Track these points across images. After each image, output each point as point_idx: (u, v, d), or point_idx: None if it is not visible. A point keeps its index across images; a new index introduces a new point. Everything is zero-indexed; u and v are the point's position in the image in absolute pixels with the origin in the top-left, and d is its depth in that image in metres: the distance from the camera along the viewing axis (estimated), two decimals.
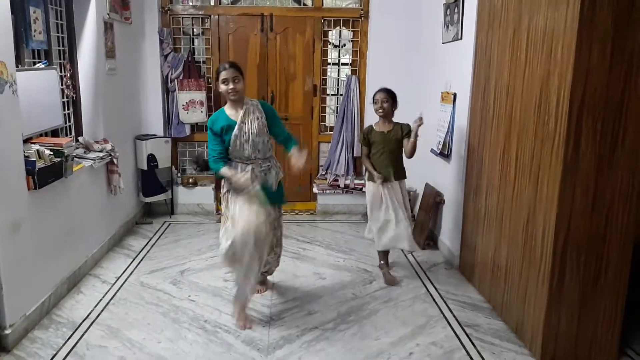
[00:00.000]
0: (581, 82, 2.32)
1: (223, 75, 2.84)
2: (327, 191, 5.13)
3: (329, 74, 5.24)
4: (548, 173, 2.52)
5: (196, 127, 5.14)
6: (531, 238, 2.69)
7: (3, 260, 2.57)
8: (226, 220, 2.92)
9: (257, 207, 2.82)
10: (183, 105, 4.90)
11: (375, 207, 3.52)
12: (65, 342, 2.73)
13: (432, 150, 4.22)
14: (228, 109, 2.96)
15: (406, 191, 3.60)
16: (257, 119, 2.93)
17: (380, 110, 3.45)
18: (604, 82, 2.32)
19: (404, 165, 3.57)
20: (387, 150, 3.46)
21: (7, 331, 2.61)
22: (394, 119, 3.52)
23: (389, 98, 3.46)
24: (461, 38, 3.75)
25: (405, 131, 3.44)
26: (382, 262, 3.65)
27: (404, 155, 3.51)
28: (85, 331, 2.85)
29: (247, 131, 2.89)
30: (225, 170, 2.88)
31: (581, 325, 2.58)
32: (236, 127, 2.88)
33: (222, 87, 2.86)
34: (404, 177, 3.56)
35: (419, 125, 3.34)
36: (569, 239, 2.47)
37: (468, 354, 2.69)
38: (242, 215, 2.79)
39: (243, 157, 2.93)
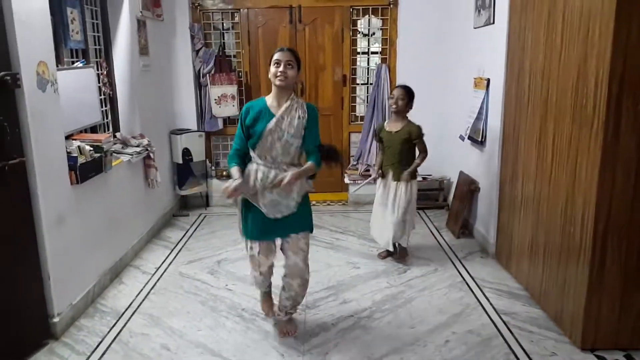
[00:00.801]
0: (620, 62, 2.25)
1: (277, 56, 2.51)
2: (359, 181, 5.12)
3: (358, 63, 5.22)
4: (587, 158, 2.45)
5: (228, 121, 5.21)
6: (570, 224, 2.63)
7: (50, 251, 2.68)
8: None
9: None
10: (215, 99, 4.98)
11: (376, 200, 3.74)
12: (110, 330, 2.84)
13: (460, 137, 4.16)
14: (270, 99, 2.59)
15: (411, 194, 3.54)
16: (299, 118, 2.53)
17: (394, 106, 3.47)
18: None
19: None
20: (392, 149, 3.51)
21: (56, 319, 2.74)
22: (409, 117, 3.56)
23: (406, 96, 3.46)
24: (493, 22, 3.68)
25: (414, 134, 3.45)
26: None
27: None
28: (128, 320, 2.95)
29: (284, 128, 2.50)
30: (232, 171, 2.54)
31: (623, 313, 2.52)
32: (274, 120, 2.49)
33: (272, 69, 2.52)
34: (413, 177, 3.55)
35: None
36: (610, 225, 2.41)
37: (506, 341, 2.66)
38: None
39: (268, 157, 2.53)
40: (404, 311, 2.99)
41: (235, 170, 2.54)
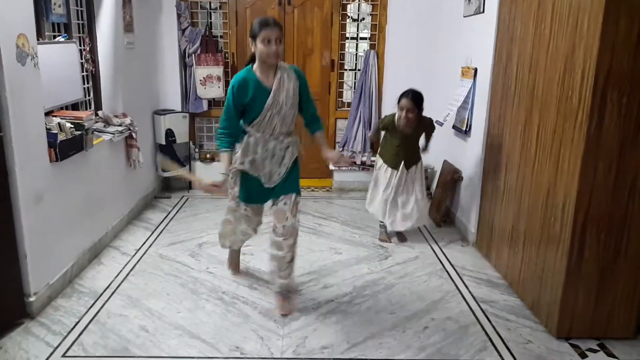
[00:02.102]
0: (607, 55, 2.25)
1: (265, 33, 2.43)
2: (344, 168, 5.11)
3: (347, 48, 5.18)
4: (570, 149, 2.47)
5: (213, 103, 5.14)
6: (550, 214, 2.66)
7: (27, 230, 2.63)
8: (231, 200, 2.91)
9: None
10: (200, 80, 4.90)
11: (377, 183, 3.71)
12: (88, 311, 2.80)
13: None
14: (258, 71, 2.55)
15: (421, 172, 3.66)
16: (293, 89, 2.58)
17: (404, 121, 3.38)
18: (630, 55, 2.25)
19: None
20: (406, 145, 3.51)
21: (32, 299, 2.69)
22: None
23: (416, 107, 3.37)
24: (483, 11, 3.67)
25: (429, 129, 3.50)
26: (381, 221, 3.81)
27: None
28: (107, 300, 2.92)
29: (281, 102, 2.53)
30: (222, 158, 2.68)
31: (598, 302, 2.56)
32: (270, 95, 2.51)
33: (262, 48, 2.45)
34: (418, 160, 3.62)
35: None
36: (589, 215, 2.44)
37: (483, 328, 2.70)
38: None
39: (267, 130, 2.59)
40: (384, 297, 3.01)
41: (225, 157, 2.61)
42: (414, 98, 3.36)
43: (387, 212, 3.67)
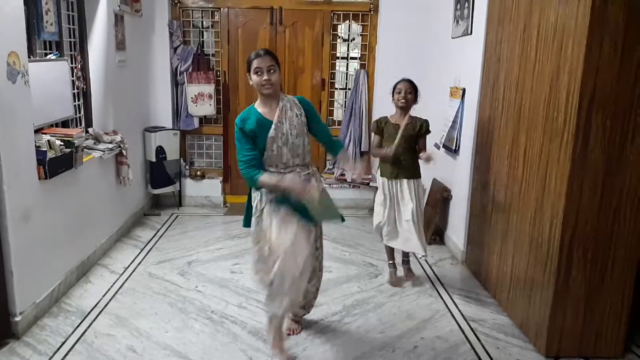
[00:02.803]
0: (591, 78, 2.31)
1: (256, 63, 2.38)
2: (334, 185, 5.13)
3: (337, 68, 5.24)
4: (556, 169, 2.51)
5: (205, 120, 5.16)
6: (538, 234, 2.69)
7: (14, 248, 2.61)
8: (259, 243, 2.46)
9: (298, 230, 2.37)
10: (192, 97, 4.92)
11: (379, 202, 3.38)
12: (74, 330, 2.76)
13: (435, 144, 4.21)
14: (260, 107, 2.47)
15: (420, 190, 3.37)
16: (297, 116, 2.46)
17: (403, 101, 3.21)
18: (614, 78, 2.31)
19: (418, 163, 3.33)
20: (400, 147, 3.20)
21: (18, 318, 2.66)
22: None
23: (413, 89, 3.25)
24: (471, 33, 3.74)
25: (424, 128, 3.23)
26: (390, 261, 3.48)
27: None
28: (94, 320, 2.88)
29: (285, 132, 2.41)
30: (266, 178, 2.37)
31: (586, 321, 2.58)
32: (272, 127, 2.40)
33: (255, 79, 2.40)
34: (417, 176, 3.32)
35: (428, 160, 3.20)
36: (576, 235, 2.47)
37: (473, 348, 2.70)
38: (283, 242, 2.33)
39: (280, 164, 2.44)
40: (374, 316, 3.01)
41: (265, 178, 2.36)
42: (411, 81, 3.27)
43: (385, 223, 3.33)
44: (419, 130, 3.24)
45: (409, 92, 3.23)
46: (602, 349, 2.62)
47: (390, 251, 3.49)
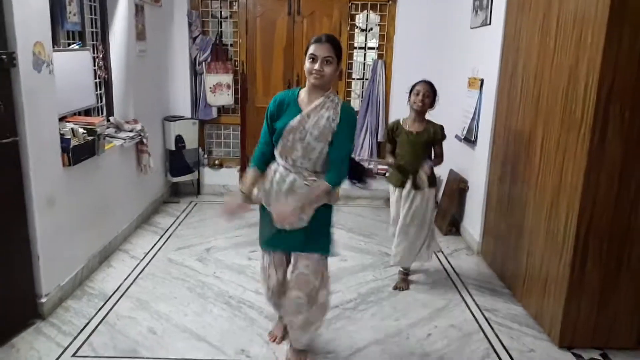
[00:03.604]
0: (610, 69, 2.29)
1: (312, 49, 2.13)
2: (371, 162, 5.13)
3: (355, 58, 5.24)
4: (573, 161, 2.51)
5: (223, 110, 5.22)
6: (554, 225, 2.69)
7: (40, 232, 2.70)
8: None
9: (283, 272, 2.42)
10: (210, 87, 4.98)
11: (393, 216, 3.22)
12: (97, 312, 2.86)
13: (456, 136, 4.21)
14: (303, 92, 2.23)
15: (433, 202, 3.18)
16: (327, 119, 2.15)
17: (420, 104, 3.00)
18: (634, 69, 2.29)
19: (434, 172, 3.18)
20: (412, 154, 3.05)
21: (43, 300, 2.75)
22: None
23: (432, 93, 3.03)
24: (490, 23, 3.72)
25: (438, 135, 3.05)
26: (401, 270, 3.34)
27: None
28: (116, 303, 2.98)
29: (307, 128, 2.15)
30: (248, 175, 2.31)
31: (600, 313, 2.58)
32: (298, 117, 2.16)
33: (307, 65, 2.15)
34: (432, 184, 3.14)
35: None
36: (592, 227, 2.47)
37: (486, 336, 2.72)
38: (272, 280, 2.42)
39: (289, 159, 2.21)
40: (388, 304, 3.05)
41: (248, 174, 2.29)
42: (429, 83, 3.06)
43: (396, 240, 3.20)
44: (434, 136, 3.06)
45: (427, 96, 3.01)
46: (615, 341, 2.62)
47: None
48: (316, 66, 2.12)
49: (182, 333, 2.68)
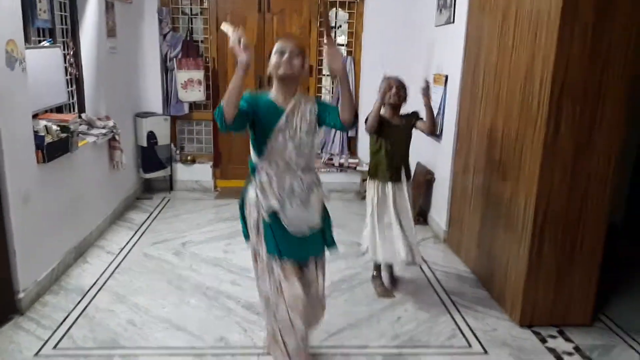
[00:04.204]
0: (562, 67, 2.48)
1: (280, 44, 2.13)
2: (322, 170, 5.28)
3: (324, 54, 5.34)
4: (530, 153, 2.69)
5: (194, 106, 5.25)
6: (513, 213, 2.87)
7: (16, 228, 2.72)
8: (257, 262, 2.30)
9: (297, 280, 2.19)
10: (182, 83, 5.01)
11: (377, 210, 3.08)
12: (75, 306, 2.90)
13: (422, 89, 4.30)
14: (274, 92, 2.18)
15: (410, 196, 3.13)
16: (310, 112, 2.17)
17: (396, 98, 2.97)
18: (584, 67, 2.48)
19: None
20: (399, 146, 3.06)
21: (21, 295, 2.78)
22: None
23: (403, 87, 3.02)
24: (453, 22, 3.88)
25: (416, 117, 3.07)
26: (375, 272, 3.28)
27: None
28: (94, 297, 3.02)
29: (295, 125, 2.13)
30: (227, 92, 1.96)
31: (557, 294, 2.78)
32: (283, 116, 2.12)
33: (273, 59, 2.12)
34: (409, 176, 3.16)
35: (427, 88, 3.02)
36: (548, 214, 2.66)
37: (453, 318, 2.89)
38: (287, 296, 2.16)
39: (280, 162, 2.15)
40: (360, 290, 3.19)
41: (229, 87, 1.97)
42: (400, 79, 3.03)
43: (377, 237, 3.08)
44: (415, 120, 3.09)
45: (401, 88, 2.99)
46: (572, 318, 2.83)
47: (378, 265, 3.28)
48: (285, 57, 2.10)
49: (162, 324, 2.75)
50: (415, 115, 3.11)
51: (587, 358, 2.56)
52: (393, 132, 3.03)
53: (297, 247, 2.22)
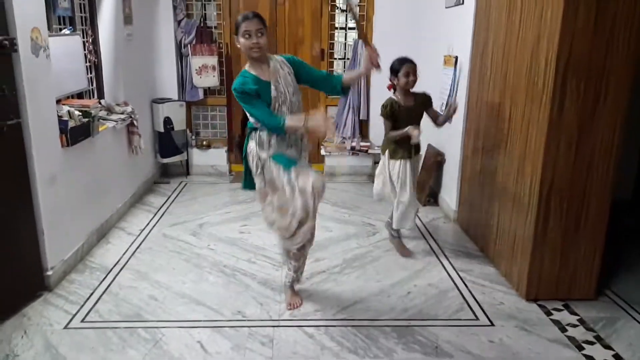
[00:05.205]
0: (567, 44, 2.52)
1: (244, 26, 2.42)
2: (334, 153, 5.37)
3: (336, 38, 5.41)
4: (536, 129, 2.75)
5: (209, 92, 5.37)
6: (520, 189, 2.94)
7: (43, 209, 2.87)
8: (268, 196, 2.62)
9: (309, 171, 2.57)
10: (196, 69, 5.12)
11: (402, 183, 3.32)
12: (100, 284, 3.05)
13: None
14: (252, 69, 2.52)
15: (418, 168, 3.48)
16: (289, 74, 2.55)
17: (411, 84, 3.19)
18: (588, 45, 2.52)
19: None
20: (412, 124, 3.19)
21: (49, 272, 2.94)
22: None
23: (415, 70, 3.21)
24: (463, 3, 3.91)
25: (429, 100, 3.31)
26: (394, 232, 3.54)
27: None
28: (117, 275, 3.17)
29: (283, 90, 2.51)
30: (291, 121, 2.43)
31: (562, 267, 2.85)
32: (272, 87, 2.48)
33: (243, 42, 2.44)
34: (418, 151, 3.43)
35: (453, 110, 3.25)
36: (553, 189, 2.72)
37: (461, 293, 2.99)
38: (304, 181, 2.48)
39: None
40: (371, 267, 3.29)
41: (291, 120, 2.44)
42: (414, 62, 3.22)
43: (408, 208, 3.37)
44: (427, 103, 3.32)
45: (414, 74, 3.19)
46: (577, 292, 2.90)
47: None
48: (253, 40, 2.43)
49: (182, 299, 2.90)
50: (428, 100, 3.32)
51: (591, 330, 2.64)
52: (406, 114, 3.24)
53: (296, 161, 2.62)
